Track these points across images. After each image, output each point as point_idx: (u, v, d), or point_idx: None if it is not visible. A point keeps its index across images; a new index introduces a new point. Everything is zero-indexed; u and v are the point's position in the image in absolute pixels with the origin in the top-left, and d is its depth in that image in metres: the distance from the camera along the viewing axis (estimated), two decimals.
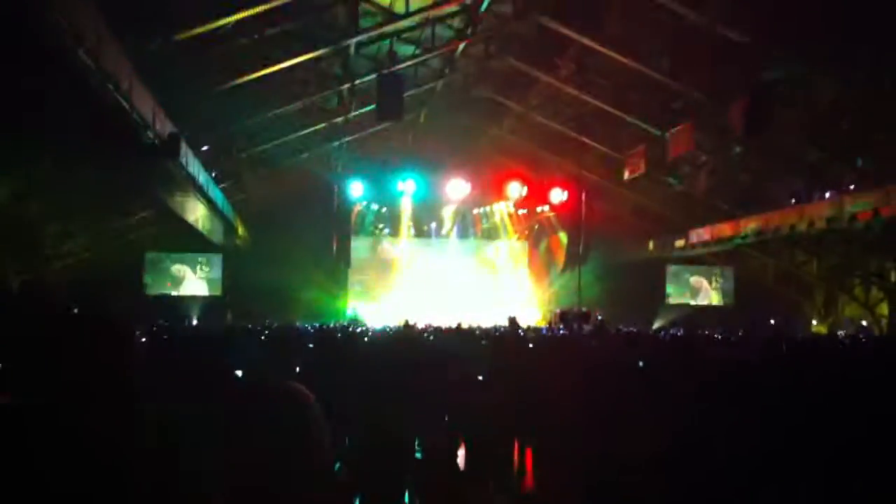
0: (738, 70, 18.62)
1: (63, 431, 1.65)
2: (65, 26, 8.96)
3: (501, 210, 33.07)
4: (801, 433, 4.09)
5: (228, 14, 14.96)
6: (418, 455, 6.39)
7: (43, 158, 14.46)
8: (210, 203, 21.57)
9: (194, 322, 26.02)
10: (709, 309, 32.60)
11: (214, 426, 1.88)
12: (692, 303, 33.43)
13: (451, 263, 32.61)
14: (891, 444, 3.89)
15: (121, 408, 1.76)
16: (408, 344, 8.53)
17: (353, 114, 22.97)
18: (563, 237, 32.24)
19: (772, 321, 29.88)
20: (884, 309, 27.67)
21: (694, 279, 33.84)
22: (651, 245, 31.89)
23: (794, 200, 23.82)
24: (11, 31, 8.48)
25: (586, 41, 19.86)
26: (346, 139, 25.29)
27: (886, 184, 18.71)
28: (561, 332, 19.71)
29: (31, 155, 14.06)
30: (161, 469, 1.73)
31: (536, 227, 33.68)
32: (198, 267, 31.37)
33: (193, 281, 31.35)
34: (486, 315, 25.98)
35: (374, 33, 19.05)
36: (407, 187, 30.95)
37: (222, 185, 22.69)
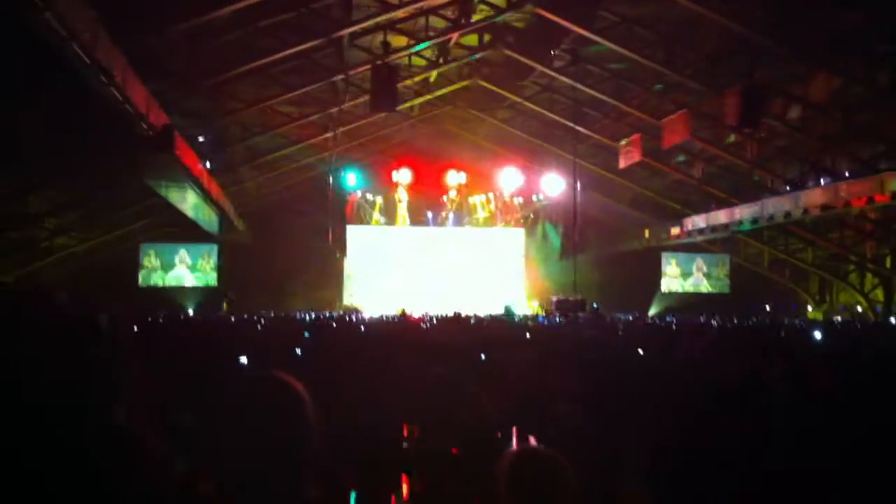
0: (733, 60, 18.65)
1: None
2: (58, 22, 8.95)
3: (497, 199, 33.14)
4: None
5: (223, 6, 14.91)
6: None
7: (40, 153, 14.43)
8: (205, 194, 21.56)
9: (190, 313, 25.98)
10: (704, 296, 32.69)
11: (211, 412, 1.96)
12: (687, 290, 33.51)
13: (447, 252, 32.63)
14: None
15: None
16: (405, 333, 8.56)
17: (348, 104, 22.91)
18: (558, 226, 32.31)
19: (767, 307, 30.03)
20: (879, 295, 27.79)
21: (689, 267, 33.90)
22: (646, 233, 31.93)
23: (788, 188, 23.86)
24: (7, 28, 8.48)
25: (581, 31, 19.81)
26: (341, 129, 25.22)
27: (881, 171, 18.76)
28: (558, 320, 19.78)
29: (28, 150, 14.04)
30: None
31: (532, 216, 33.74)
32: (193, 258, 31.30)
33: (188, 272, 31.29)
34: (482, 303, 26.04)
35: (367, 24, 19.01)
36: (402, 177, 31.07)
37: (218, 176, 22.65)
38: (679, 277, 34.00)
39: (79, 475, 1.63)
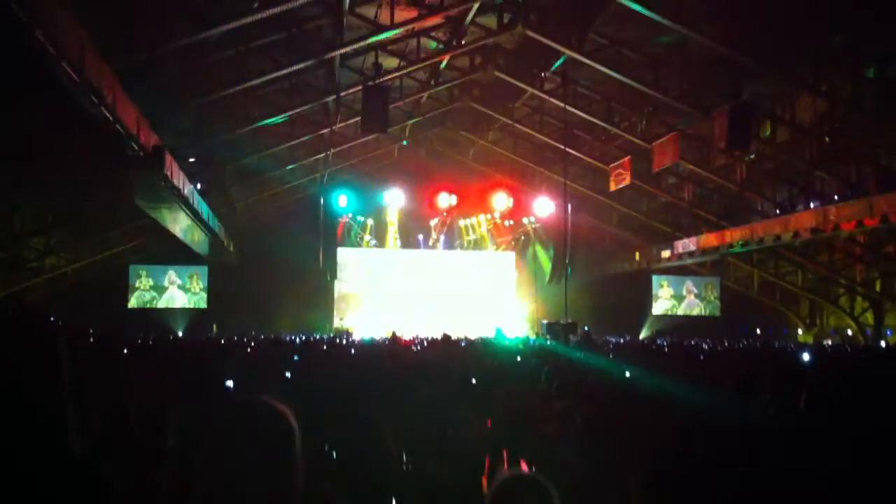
0: (722, 83, 18.76)
1: None
2: (47, 41, 8.91)
3: (488, 221, 33.12)
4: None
5: (214, 26, 14.91)
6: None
7: (27, 171, 14.36)
8: (195, 215, 21.47)
9: (179, 335, 25.83)
10: (694, 319, 32.69)
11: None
12: (678, 313, 33.48)
13: (438, 274, 32.55)
14: None
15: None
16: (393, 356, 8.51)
17: (339, 125, 22.93)
18: (549, 248, 32.29)
19: (757, 331, 30.03)
20: (869, 318, 27.84)
21: (680, 289, 33.89)
22: (637, 255, 31.96)
23: (778, 211, 23.95)
24: None
25: (571, 53, 19.91)
26: (332, 151, 25.22)
27: (870, 194, 18.83)
28: (548, 343, 19.71)
29: (15, 168, 13.96)
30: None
31: (522, 238, 33.71)
32: (182, 279, 31.16)
33: (178, 294, 31.13)
34: (473, 327, 25.93)
35: (359, 45, 19.04)
36: (393, 198, 31.04)
37: (208, 196, 22.58)
38: (670, 300, 33.99)
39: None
